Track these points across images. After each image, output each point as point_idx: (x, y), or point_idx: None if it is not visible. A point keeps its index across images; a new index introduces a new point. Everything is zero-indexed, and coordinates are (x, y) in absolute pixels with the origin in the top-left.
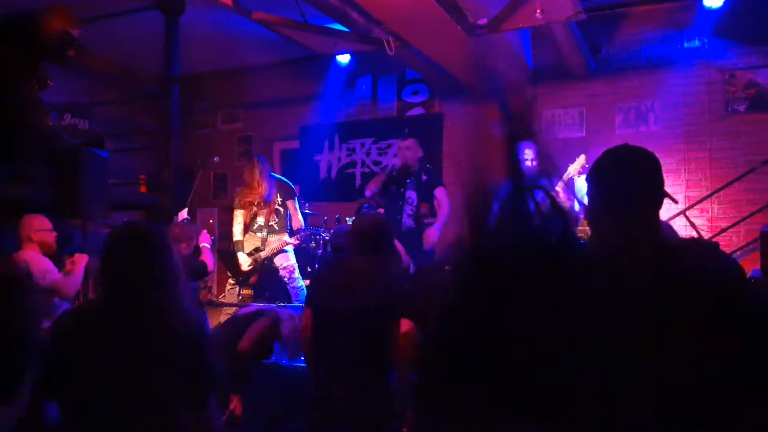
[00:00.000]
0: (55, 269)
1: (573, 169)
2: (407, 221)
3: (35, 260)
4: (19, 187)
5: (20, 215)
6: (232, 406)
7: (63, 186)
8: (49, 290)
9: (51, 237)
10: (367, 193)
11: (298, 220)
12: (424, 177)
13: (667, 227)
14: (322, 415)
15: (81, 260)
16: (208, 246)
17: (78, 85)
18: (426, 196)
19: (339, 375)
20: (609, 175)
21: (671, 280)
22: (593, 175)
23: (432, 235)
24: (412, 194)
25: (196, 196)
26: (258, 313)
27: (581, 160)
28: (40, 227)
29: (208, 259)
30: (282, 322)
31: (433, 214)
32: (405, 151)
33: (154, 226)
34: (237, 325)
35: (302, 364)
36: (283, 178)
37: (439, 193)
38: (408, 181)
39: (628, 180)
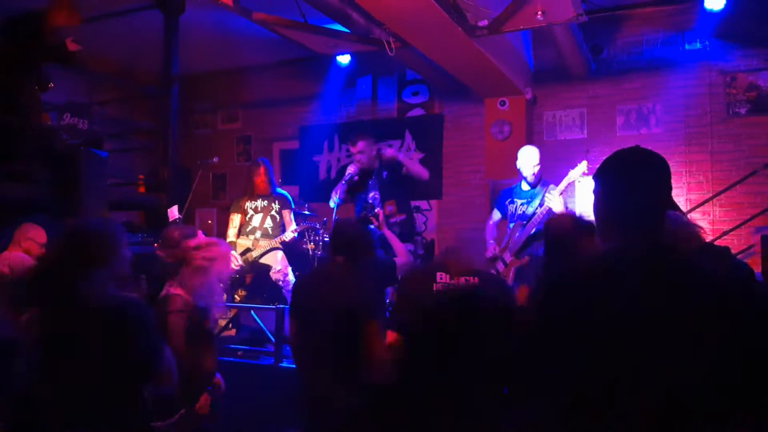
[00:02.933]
0: (30, 258)
1: (574, 174)
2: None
3: (12, 256)
4: (19, 186)
5: (20, 215)
6: (197, 406)
7: (62, 186)
8: None
9: (38, 250)
10: (332, 204)
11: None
12: (384, 174)
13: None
14: (311, 417)
15: None
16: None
17: (77, 85)
18: (390, 194)
19: (320, 378)
20: (616, 175)
21: (672, 283)
22: (601, 174)
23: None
24: (375, 195)
25: (195, 196)
26: (166, 314)
27: (583, 166)
28: (32, 237)
29: None
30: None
31: (400, 210)
32: (359, 155)
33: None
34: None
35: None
36: (283, 192)
37: (414, 167)
38: (369, 182)
39: (636, 182)
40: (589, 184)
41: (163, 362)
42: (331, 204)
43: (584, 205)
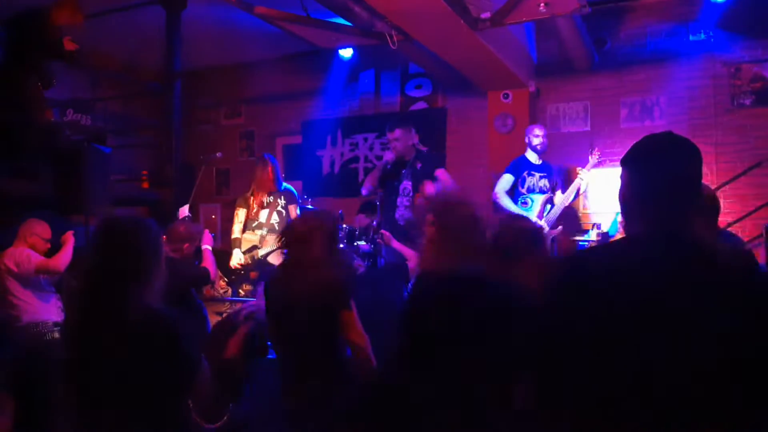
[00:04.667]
0: (35, 253)
1: (593, 159)
2: (406, 213)
3: (18, 251)
4: (23, 183)
5: (24, 211)
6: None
7: (66, 182)
8: (38, 271)
9: (43, 245)
10: (364, 191)
11: None
12: (418, 165)
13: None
14: (291, 407)
15: (69, 239)
16: (210, 248)
17: (80, 81)
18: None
19: (298, 367)
20: (641, 162)
21: (691, 272)
22: (627, 161)
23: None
24: (407, 184)
25: (198, 191)
26: (248, 318)
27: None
28: (37, 232)
29: (211, 265)
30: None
31: None
32: (395, 143)
33: (136, 219)
34: (225, 329)
35: None
36: (289, 187)
37: (441, 174)
38: (403, 171)
39: (659, 169)
40: (592, 176)
41: (201, 377)
42: (364, 192)
43: (595, 197)
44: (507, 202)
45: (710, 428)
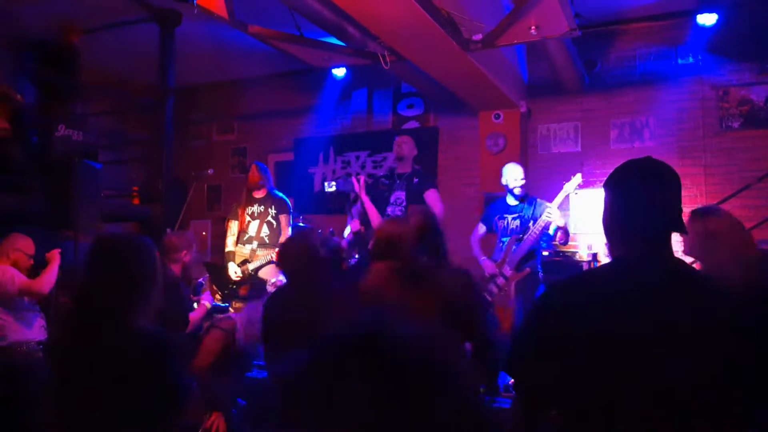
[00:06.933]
0: (20, 273)
1: (569, 186)
2: None
3: (1, 271)
4: (13, 198)
5: (13, 226)
6: (207, 424)
7: (56, 197)
8: (22, 293)
9: (26, 261)
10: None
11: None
12: (415, 180)
13: None
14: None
15: (54, 258)
16: (208, 306)
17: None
18: (417, 199)
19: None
20: (622, 185)
21: (673, 293)
22: (609, 184)
23: None
24: (400, 195)
25: (189, 207)
26: (211, 326)
27: (577, 178)
28: (20, 248)
29: (195, 316)
30: (237, 330)
31: None
32: (402, 144)
33: (133, 237)
34: (197, 340)
35: None
36: (280, 194)
37: (430, 197)
38: (398, 182)
39: (640, 192)
40: (583, 196)
41: (191, 399)
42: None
43: (578, 218)
44: (475, 252)
45: None
